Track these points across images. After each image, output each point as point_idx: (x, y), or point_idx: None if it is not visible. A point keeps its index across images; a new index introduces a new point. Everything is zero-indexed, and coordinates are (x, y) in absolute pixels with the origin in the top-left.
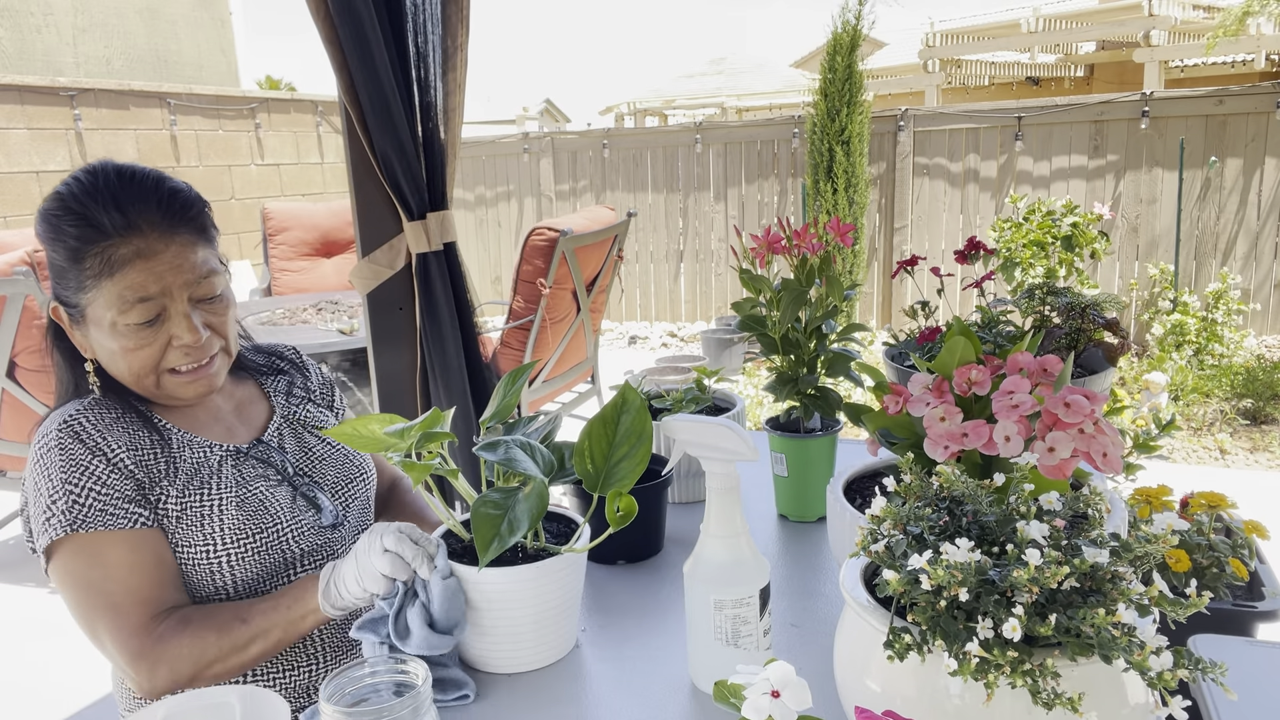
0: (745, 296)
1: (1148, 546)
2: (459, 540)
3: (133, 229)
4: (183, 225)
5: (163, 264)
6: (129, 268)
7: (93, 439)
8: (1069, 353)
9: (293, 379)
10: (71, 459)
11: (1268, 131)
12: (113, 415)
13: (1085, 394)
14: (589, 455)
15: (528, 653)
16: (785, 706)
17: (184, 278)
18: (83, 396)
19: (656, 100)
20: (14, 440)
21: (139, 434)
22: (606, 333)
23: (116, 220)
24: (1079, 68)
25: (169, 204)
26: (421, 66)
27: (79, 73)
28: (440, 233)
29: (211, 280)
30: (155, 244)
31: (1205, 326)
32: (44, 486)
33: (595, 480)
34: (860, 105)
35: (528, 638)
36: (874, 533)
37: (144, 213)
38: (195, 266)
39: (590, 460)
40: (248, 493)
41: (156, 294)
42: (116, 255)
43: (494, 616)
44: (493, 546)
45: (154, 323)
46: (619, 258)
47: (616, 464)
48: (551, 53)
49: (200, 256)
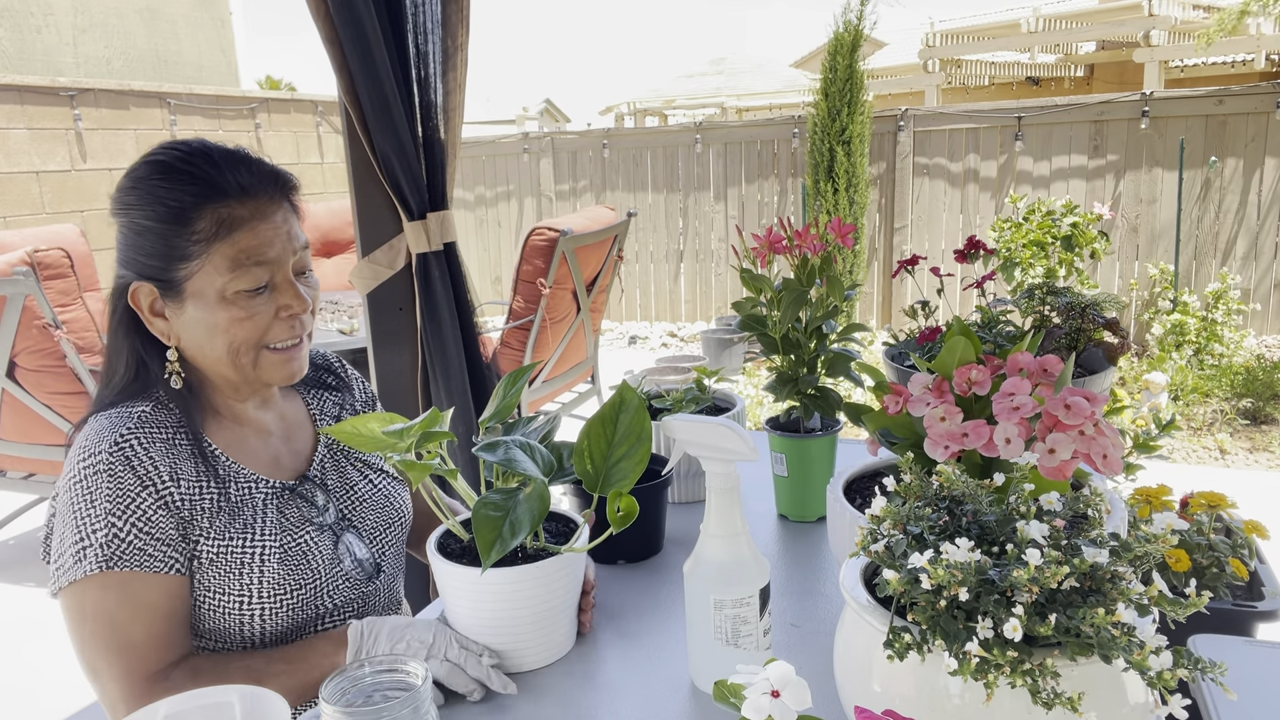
0: (745, 296)
1: (1148, 546)
2: (458, 541)
3: (248, 191)
4: (288, 194)
5: (276, 228)
6: (245, 229)
7: (144, 466)
8: (1069, 353)
9: (341, 398)
10: (120, 488)
11: (1268, 131)
12: (163, 436)
13: (1086, 395)
14: (588, 455)
15: (528, 652)
16: (785, 706)
17: (292, 245)
18: (149, 391)
19: (656, 100)
20: (14, 440)
21: (187, 461)
22: (606, 333)
23: (237, 179)
24: (1079, 68)
25: (275, 172)
26: (421, 66)
27: (79, 73)
28: (440, 233)
29: (308, 254)
30: (268, 207)
31: (1205, 326)
32: (84, 512)
33: (595, 480)
34: (861, 105)
35: (528, 637)
36: (874, 532)
37: (259, 176)
38: (298, 236)
39: (590, 460)
40: (291, 541)
41: (272, 258)
42: (234, 215)
43: (496, 617)
44: (495, 549)
45: (264, 290)
46: (619, 258)
47: (616, 463)
48: (551, 53)
49: (299, 229)
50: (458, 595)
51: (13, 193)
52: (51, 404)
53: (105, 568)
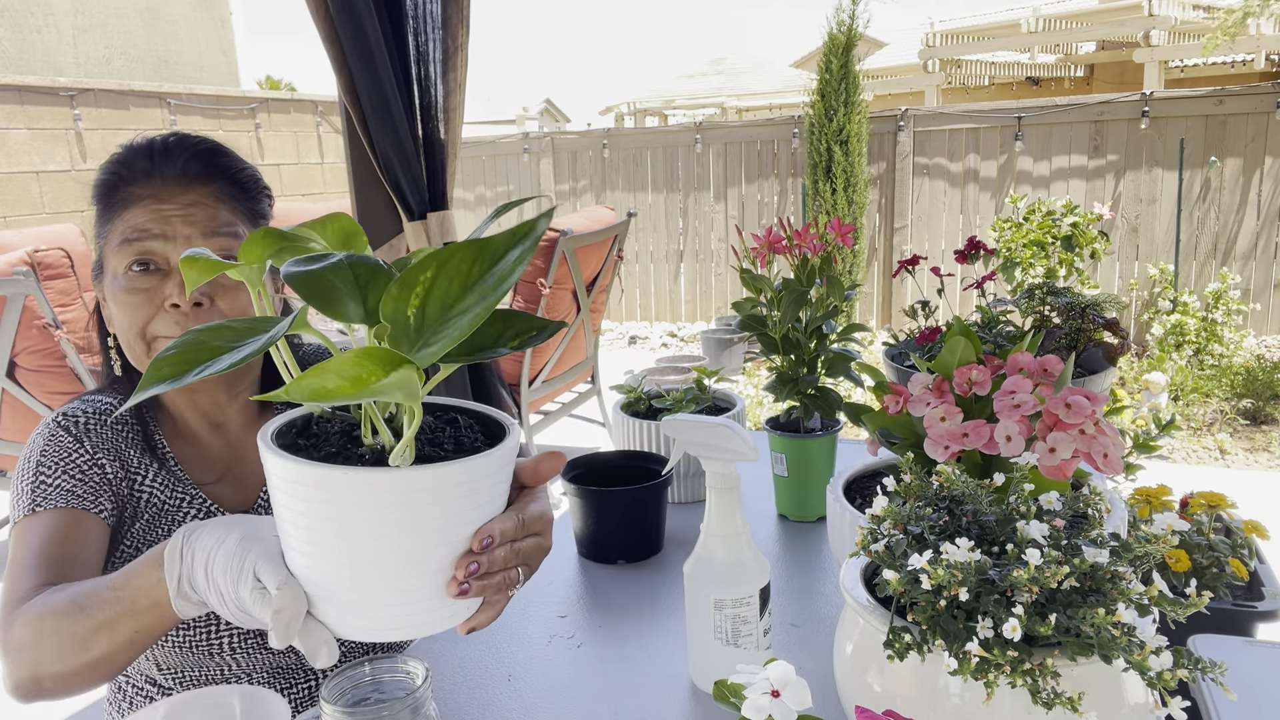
0: (745, 296)
1: (1148, 546)
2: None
3: (155, 173)
4: (213, 177)
5: (174, 207)
6: (139, 205)
7: (85, 437)
8: (1069, 353)
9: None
10: (56, 445)
11: (1268, 131)
12: (115, 424)
13: (1086, 394)
14: (420, 293)
15: (397, 611)
16: (785, 706)
17: (195, 228)
18: (116, 383)
19: (656, 100)
20: (14, 440)
21: (133, 450)
22: (606, 333)
23: (144, 164)
24: (1079, 68)
25: (199, 155)
26: (421, 66)
27: (79, 73)
28: (440, 233)
29: (227, 241)
30: (173, 188)
31: (1205, 327)
32: (19, 472)
33: (409, 334)
34: (858, 105)
35: (392, 588)
36: (874, 532)
37: (170, 158)
38: (212, 218)
39: (419, 300)
40: None
41: (158, 234)
42: (134, 193)
43: (310, 541)
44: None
45: (150, 271)
46: (619, 258)
47: (454, 316)
48: (551, 53)
49: (224, 215)
50: (275, 493)
51: (13, 193)
52: (51, 404)
53: (31, 510)
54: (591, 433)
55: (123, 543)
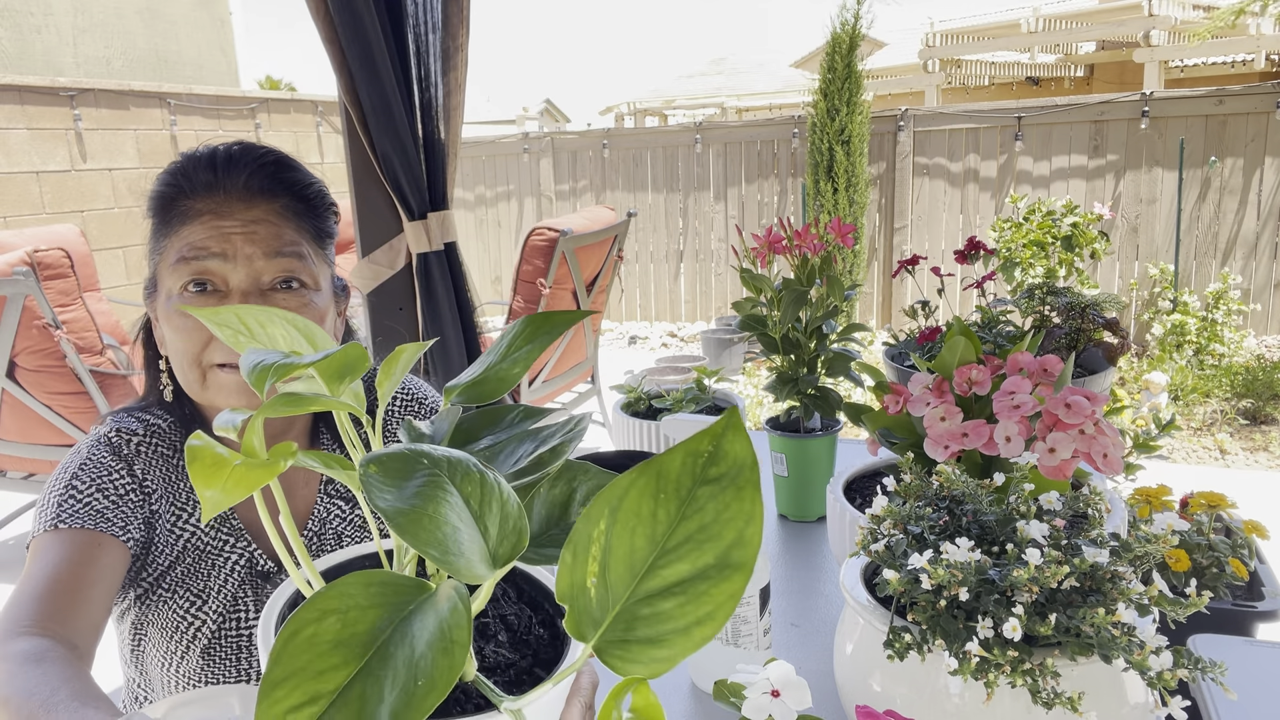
0: (745, 296)
1: (1148, 546)
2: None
3: (216, 186)
4: (279, 193)
5: (235, 224)
6: (197, 221)
7: (133, 459)
8: (1069, 353)
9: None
10: (94, 460)
11: (1268, 131)
12: (168, 451)
13: (1086, 394)
14: (595, 552)
15: None
16: (785, 706)
17: (257, 247)
18: (168, 406)
19: (656, 100)
20: (14, 440)
21: (181, 484)
22: (606, 333)
23: (205, 176)
24: (1079, 68)
25: (264, 167)
26: (421, 66)
27: (79, 73)
28: (441, 232)
29: (291, 262)
30: (235, 203)
31: (1205, 327)
32: (51, 484)
33: (592, 612)
34: (860, 105)
35: None
36: (874, 532)
37: (233, 171)
38: (276, 237)
39: (596, 564)
40: (232, 635)
41: (217, 252)
42: (191, 208)
43: None
44: None
45: (207, 292)
46: (619, 258)
47: (655, 593)
48: (551, 53)
49: (289, 234)
50: None
51: (13, 193)
52: (51, 404)
53: (51, 526)
54: (591, 433)
55: (161, 586)
